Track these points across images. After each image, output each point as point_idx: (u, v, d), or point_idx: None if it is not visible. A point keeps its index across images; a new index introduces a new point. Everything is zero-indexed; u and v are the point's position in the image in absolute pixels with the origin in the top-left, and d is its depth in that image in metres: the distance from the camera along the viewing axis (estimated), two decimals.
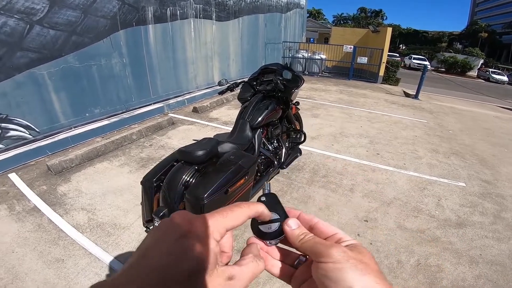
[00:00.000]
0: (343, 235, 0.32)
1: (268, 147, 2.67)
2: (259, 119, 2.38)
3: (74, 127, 3.85)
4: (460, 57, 24.09)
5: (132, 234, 2.19)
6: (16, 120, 3.20)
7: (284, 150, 2.78)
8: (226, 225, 0.29)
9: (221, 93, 2.77)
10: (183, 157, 1.73)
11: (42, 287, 1.71)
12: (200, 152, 1.69)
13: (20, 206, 2.49)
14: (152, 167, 1.88)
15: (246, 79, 2.86)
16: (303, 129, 3.24)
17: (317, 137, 4.38)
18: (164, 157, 2.06)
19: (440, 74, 20.07)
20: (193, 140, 3.99)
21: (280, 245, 0.35)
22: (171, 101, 5.53)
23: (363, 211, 2.61)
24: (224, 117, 5.22)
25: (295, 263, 0.35)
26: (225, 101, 6.24)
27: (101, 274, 1.84)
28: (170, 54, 5.34)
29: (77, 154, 3.22)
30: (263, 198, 0.37)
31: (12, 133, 3.18)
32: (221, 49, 6.90)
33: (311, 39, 15.46)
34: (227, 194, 1.58)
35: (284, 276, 0.34)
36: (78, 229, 2.22)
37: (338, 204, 2.69)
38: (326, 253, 0.28)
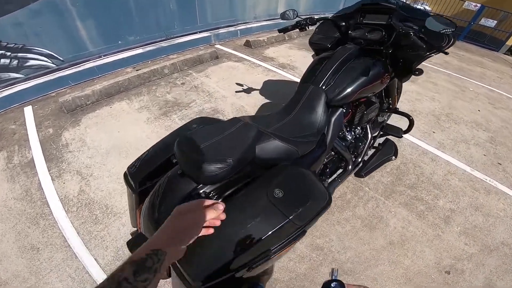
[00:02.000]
0: None
1: (346, 137, 1.64)
2: (349, 89, 1.33)
3: (104, 56, 3.28)
4: None
5: (122, 229, 1.65)
6: (36, 49, 2.74)
7: (366, 143, 1.73)
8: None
9: (283, 30, 1.65)
10: (184, 167, 0.89)
11: (12, 281, 1.42)
12: (214, 169, 0.82)
13: (18, 156, 2.14)
14: (141, 154, 1.11)
15: (329, 16, 1.68)
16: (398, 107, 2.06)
17: (412, 113, 3.00)
18: (168, 133, 1.24)
19: None
20: (236, 84, 3.08)
21: None
22: (221, 30, 4.54)
23: (451, 257, 1.65)
24: (282, 58, 4.11)
25: None
26: (287, 38, 5.04)
27: (75, 278, 1.41)
28: None
29: (94, 89, 2.67)
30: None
31: (32, 62, 2.75)
32: None
33: None
34: (249, 271, 0.77)
35: None
36: (64, 205, 1.79)
37: (419, 240, 1.73)
38: None
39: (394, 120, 2.28)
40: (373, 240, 1.71)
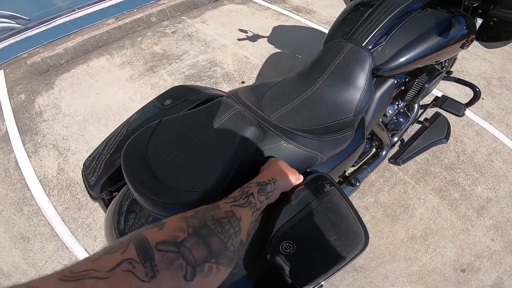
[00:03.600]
0: None
1: (386, 112, 1.20)
2: (412, 54, 0.89)
3: (78, 9, 2.83)
4: None
5: None
6: None
7: (410, 118, 1.30)
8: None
9: None
10: (136, 194, 0.56)
11: (14, 273, 1.38)
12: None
13: None
14: (99, 145, 0.82)
15: None
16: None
17: (459, 74, 2.38)
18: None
19: None
20: (239, 30, 2.55)
21: None
22: None
23: (472, 254, 1.41)
24: (296, 0, 3.39)
25: None
26: None
27: None
28: None
29: (66, 47, 2.30)
30: None
31: None
32: None
33: None
34: None
35: None
36: (45, 188, 1.64)
37: (444, 234, 1.44)
38: None
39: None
40: (393, 234, 1.43)
